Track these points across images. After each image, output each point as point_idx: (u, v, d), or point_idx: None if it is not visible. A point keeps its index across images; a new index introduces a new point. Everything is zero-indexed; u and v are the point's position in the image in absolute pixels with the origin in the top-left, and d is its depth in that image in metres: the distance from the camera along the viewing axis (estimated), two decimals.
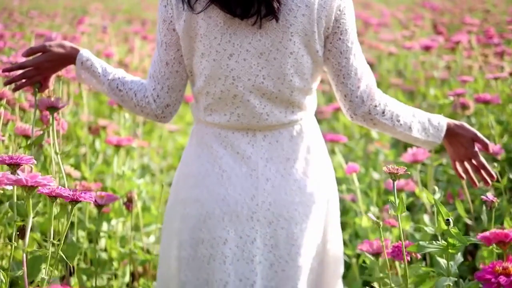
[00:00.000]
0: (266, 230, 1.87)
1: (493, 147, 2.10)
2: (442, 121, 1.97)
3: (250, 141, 1.88)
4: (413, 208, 3.10)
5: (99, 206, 2.16)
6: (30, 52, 1.96)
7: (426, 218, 2.52)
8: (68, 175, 2.54)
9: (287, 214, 1.88)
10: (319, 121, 4.69)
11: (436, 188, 1.98)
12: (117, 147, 2.48)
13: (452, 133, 1.97)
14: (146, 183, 2.94)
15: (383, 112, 1.90)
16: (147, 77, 1.93)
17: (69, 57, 1.96)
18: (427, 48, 3.77)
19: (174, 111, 1.94)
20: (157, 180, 3.64)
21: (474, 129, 1.99)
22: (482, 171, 1.99)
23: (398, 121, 1.91)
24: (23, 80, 1.98)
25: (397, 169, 1.67)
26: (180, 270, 1.91)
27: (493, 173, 1.99)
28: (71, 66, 2.08)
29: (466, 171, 2.01)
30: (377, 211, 2.54)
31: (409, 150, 2.42)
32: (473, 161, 1.99)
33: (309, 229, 1.91)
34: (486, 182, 2.00)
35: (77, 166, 3.41)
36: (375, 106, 1.89)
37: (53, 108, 2.03)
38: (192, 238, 1.89)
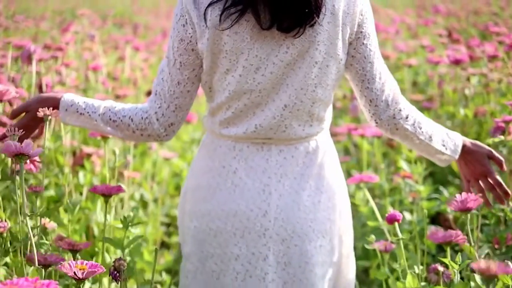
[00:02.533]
0: (279, 248, 1.83)
1: None
2: (458, 137, 1.96)
3: (265, 156, 1.84)
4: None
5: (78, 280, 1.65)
6: (14, 115, 1.91)
7: (477, 278, 2.06)
8: (43, 229, 2.08)
9: (301, 230, 1.84)
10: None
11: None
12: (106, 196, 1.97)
13: (468, 150, 1.95)
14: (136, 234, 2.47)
15: (407, 117, 1.88)
16: (151, 94, 1.87)
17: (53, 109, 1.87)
18: (456, 62, 3.32)
19: (177, 129, 1.88)
20: (150, 214, 3.16)
21: (488, 147, 1.97)
22: (498, 189, 1.96)
23: (420, 128, 1.89)
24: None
25: (495, 264, 1.21)
26: (187, 284, 1.90)
27: (508, 191, 1.95)
28: None
29: (480, 190, 1.98)
30: (421, 270, 2.07)
31: (457, 196, 1.95)
32: (489, 179, 1.96)
33: (325, 248, 1.88)
34: (501, 201, 1.97)
35: (58, 199, 2.96)
36: (400, 110, 1.87)
37: (22, 155, 1.63)
38: (201, 252, 1.87)
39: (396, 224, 2.01)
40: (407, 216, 2.70)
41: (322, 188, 1.88)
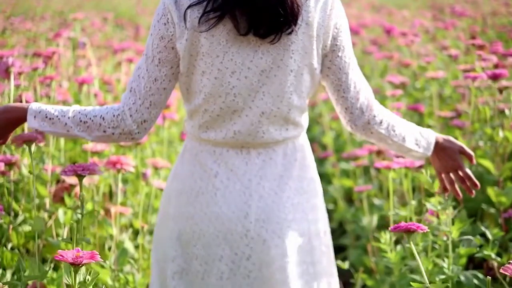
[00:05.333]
0: (261, 248, 1.88)
1: None
2: (431, 135, 2.06)
3: (244, 159, 1.91)
4: None
5: None
6: None
7: None
8: None
9: (281, 231, 1.89)
10: (352, 170, 3.80)
11: None
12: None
13: (441, 147, 2.06)
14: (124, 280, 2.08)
15: (381, 122, 1.97)
16: (125, 91, 1.89)
17: (19, 119, 1.92)
18: (494, 77, 2.89)
19: (149, 127, 1.90)
20: (141, 251, 2.74)
21: (460, 142, 2.08)
22: (468, 182, 2.07)
23: (394, 131, 1.99)
24: None
25: None
26: (172, 285, 1.93)
27: (477, 182, 2.07)
28: None
29: (451, 182, 2.09)
30: None
31: None
32: (459, 172, 2.08)
33: (303, 248, 1.94)
34: (470, 192, 2.09)
35: (39, 236, 2.56)
36: (374, 116, 1.96)
37: None
38: (187, 253, 1.92)
39: None
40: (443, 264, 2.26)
41: (301, 190, 1.95)
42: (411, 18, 7.26)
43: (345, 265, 2.66)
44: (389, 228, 1.83)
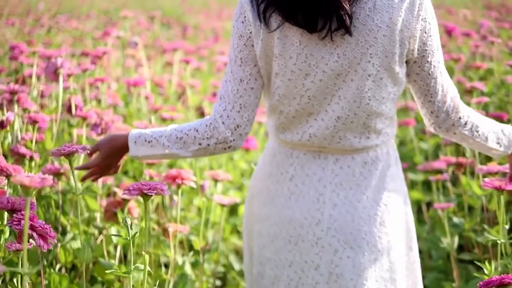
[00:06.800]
0: (332, 258, 1.82)
1: None
2: None
3: (321, 164, 1.85)
4: None
5: None
6: (90, 153, 1.97)
7: None
8: None
9: (354, 242, 1.82)
10: (420, 181, 3.45)
11: None
12: None
13: None
14: None
15: (465, 124, 1.90)
16: (216, 103, 1.85)
17: (123, 146, 1.93)
18: None
19: (244, 133, 1.83)
20: (200, 277, 2.47)
21: None
22: None
23: (477, 131, 1.91)
24: (94, 176, 2.01)
25: None
26: (256, 285, 1.93)
27: None
28: None
29: None
30: None
31: None
32: None
33: (381, 263, 1.83)
34: None
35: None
36: (459, 118, 1.88)
37: None
38: (261, 256, 1.91)
39: None
40: None
41: (380, 201, 1.86)
42: (472, 18, 6.92)
43: None
44: (478, 285, 1.53)
